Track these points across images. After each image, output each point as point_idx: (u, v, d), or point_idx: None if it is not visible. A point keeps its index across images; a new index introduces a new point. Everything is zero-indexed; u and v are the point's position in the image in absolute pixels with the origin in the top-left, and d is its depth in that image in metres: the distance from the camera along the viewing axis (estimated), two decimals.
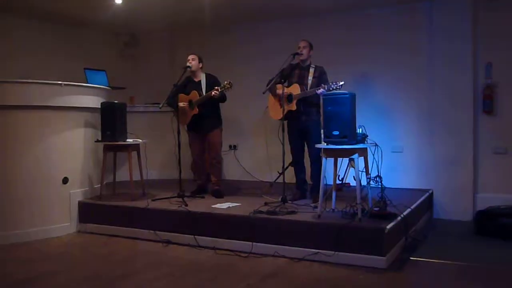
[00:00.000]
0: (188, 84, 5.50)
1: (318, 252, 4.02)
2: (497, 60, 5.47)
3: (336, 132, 4.12)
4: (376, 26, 6.01)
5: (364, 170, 4.31)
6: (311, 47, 5.08)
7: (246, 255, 4.21)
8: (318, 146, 4.43)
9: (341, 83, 4.57)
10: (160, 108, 5.36)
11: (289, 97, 5.00)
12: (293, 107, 4.98)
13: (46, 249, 4.63)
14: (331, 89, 4.59)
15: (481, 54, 5.54)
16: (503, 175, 5.47)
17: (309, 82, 4.99)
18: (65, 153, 5.17)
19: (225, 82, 5.11)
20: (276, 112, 5.14)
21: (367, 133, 4.34)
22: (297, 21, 6.37)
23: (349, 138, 4.10)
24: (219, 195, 5.40)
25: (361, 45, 6.08)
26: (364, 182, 4.33)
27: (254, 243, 4.27)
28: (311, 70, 5.03)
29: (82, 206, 5.29)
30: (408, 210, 4.56)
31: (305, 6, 5.99)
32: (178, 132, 5.21)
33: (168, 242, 4.65)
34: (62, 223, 5.14)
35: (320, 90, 4.69)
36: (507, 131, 5.47)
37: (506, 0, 5.38)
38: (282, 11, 6.26)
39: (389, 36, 5.94)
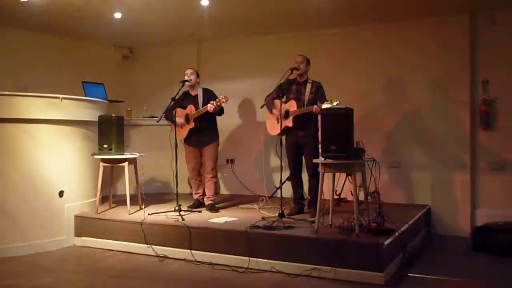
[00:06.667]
0: (185, 98, 5.52)
1: (316, 267, 3.99)
2: (494, 76, 5.50)
3: (333, 147, 4.12)
4: (373, 41, 6.04)
5: (362, 185, 4.31)
6: (308, 62, 5.10)
7: (243, 270, 4.18)
8: (315, 161, 4.43)
9: (336, 102, 4.54)
10: (157, 121, 5.39)
11: (286, 113, 5.02)
12: (290, 123, 4.99)
13: (42, 262, 4.58)
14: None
15: (478, 70, 5.58)
16: (501, 191, 5.46)
17: (306, 98, 5.01)
18: (62, 167, 5.15)
19: (220, 97, 5.14)
20: (273, 128, 5.16)
21: (365, 148, 4.34)
22: (295, 36, 6.40)
23: (347, 153, 4.10)
24: (214, 209, 5.38)
25: (358, 60, 6.12)
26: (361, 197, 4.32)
27: (251, 258, 4.24)
28: (308, 86, 5.05)
29: (78, 220, 5.25)
30: (406, 225, 4.56)
31: (303, 21, 6.03)
32: (176, 146, 5.21)
33: (165, 257, 4.62)
34: (58, 237, 5.10)
35: (315, 108, 4.70)
36: (504, 147, 5.48)
37: (504, 18, 5.43)
38: (280, 26, 6.29)
39: (386, 52, 5.98)
